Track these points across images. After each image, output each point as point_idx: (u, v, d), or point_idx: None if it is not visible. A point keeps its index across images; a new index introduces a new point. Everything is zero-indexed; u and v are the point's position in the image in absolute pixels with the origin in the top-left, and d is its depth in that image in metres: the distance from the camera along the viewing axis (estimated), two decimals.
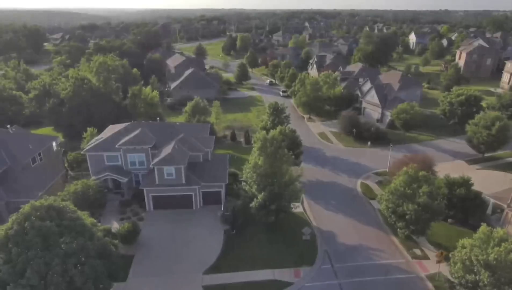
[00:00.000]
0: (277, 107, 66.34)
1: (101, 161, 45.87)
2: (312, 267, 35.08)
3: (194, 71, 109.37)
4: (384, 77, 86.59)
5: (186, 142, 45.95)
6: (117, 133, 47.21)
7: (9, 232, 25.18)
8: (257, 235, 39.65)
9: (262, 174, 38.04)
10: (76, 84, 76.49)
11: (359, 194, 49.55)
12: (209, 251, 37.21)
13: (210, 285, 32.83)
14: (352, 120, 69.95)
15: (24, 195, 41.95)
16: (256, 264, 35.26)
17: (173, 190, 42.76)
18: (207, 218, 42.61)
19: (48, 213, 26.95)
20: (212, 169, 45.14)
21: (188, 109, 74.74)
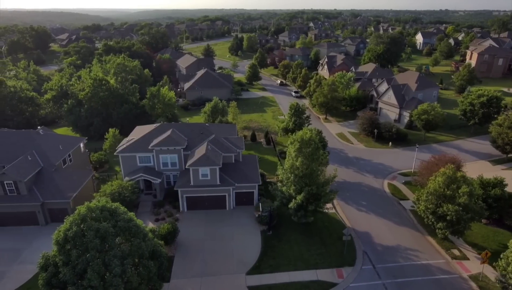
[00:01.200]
0: (298, 107, 66.61)
1: (134, 162, 46.02)
2: (354, 267, 35.28)
3: (207, 72, 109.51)
4: (400, 78, 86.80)
5: (217, 142, 46.12)
6: (148, 134, 47.34)
7: (68, 233, 25.30)
8: (293, 236, 39.83)
9: (300, 175, 38.21)
10: (95, 85, 76.66)
11: (388, 195, 49.74)
12: (249, 251, 37.39)
13: (255, 285, 33.01)
14: (372, 121, 70.11)
15: (59, 196, 42.25)
16: (297, 265, 35.48)
17: (207, 191, 42.93)
18: (242, 219, 42.79)
19: (102, 214, 27.09)
20: (245, 170, 45.30)
21: (207, 109, 74.82)
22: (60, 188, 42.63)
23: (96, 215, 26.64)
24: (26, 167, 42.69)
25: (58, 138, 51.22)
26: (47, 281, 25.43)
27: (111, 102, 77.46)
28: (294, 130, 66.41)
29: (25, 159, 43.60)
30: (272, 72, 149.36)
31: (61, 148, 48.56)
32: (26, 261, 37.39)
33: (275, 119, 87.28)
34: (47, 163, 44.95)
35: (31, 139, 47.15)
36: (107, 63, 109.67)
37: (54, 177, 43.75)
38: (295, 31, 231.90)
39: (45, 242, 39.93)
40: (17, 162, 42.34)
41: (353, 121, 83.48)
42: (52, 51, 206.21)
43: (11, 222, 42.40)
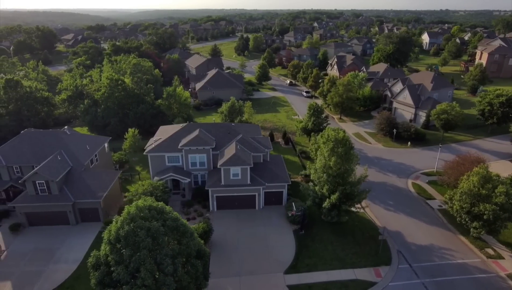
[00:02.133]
0: (317, 107, 66.72)
1: (162, 162, 46.11)
2: (390, 266, 35.42)
3: (219, 72, 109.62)
4: (415, 78, 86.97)
5: (246, 142, 46.23)
6: (176, 134, 47.44)
7: (120, 232, 25.36)
8: (326, 236, 39.96)
9: (333, 175, 38.34)
10: (111, 85, 76.76)
11: (413, 194, 49.88)
12: (284, 251, 37.53)
13: (295, 284, 33.14)
14: (390, 121, 70.27)
15: (90, 196, 42.35)
16: (334, 264, 35.63)
17: (237, 191, 43.07)
18: (272, 218, 42.92)
19: (150, 213, 27.17)
20: (274, 170, 45.41)
21: (225, 109, 74.94)
22: (91, 188, 42.72)
23: (144, 214, 26.71)
24: (57, 167, 42.77)
25: (84, 138, 51.32)
26: (100, 280, 25.50)
27: (127, 102, 77.58)
28: (313, 130, 66.83)
29: (55, 159, 43.68)
30: (280, 72, 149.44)
31: (88, 148, 48.64)
32: (60, 261, 37.51)
33: (290, 119, 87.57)
34: (76, 163, 45.05)
35: (59, 139, 47.25)
36: (118, 63, 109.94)
37: (84, 177, 43.82)
38: (300, 31, 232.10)
39: (77, 242, 40.24)
40: (48, 162, 42.43)
41: (368, 121, 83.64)
42: (58, 51, 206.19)
43: (42, 222, 42.51)
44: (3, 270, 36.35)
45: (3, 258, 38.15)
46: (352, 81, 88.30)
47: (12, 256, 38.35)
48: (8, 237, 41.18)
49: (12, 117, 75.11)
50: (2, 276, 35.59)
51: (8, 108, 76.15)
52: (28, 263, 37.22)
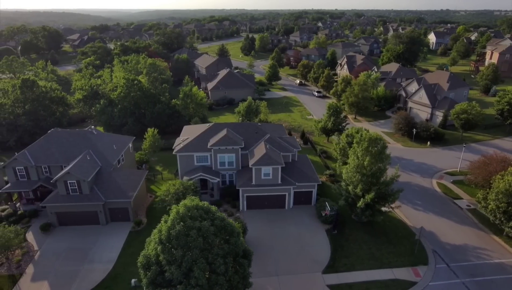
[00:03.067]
0: (337, 107, 66.67)
1: (191, 162, 46.04)
2: (428, 266, 35.37)
3: (230, 72, 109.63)
4: (430, 77, 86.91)
5: (274, 142, 46.18)
6: (203, 133, 47.37)
7: (172, 232, 25.28)
8: (359, 235, 39.93)
9: (368, 174, 38.29)
10: (127, 85, 76.71)
11: (440, 194, 49.84)
12: (319, 250, 37.49)
13: (335, 284, 33.09)
14: (408, 121, 70.26)
15: (121, 196, 42.28)
16: (371, 264, 35.59)
17: (268, 190, 43.01)
18: (303, 218, 42.87)
19: (198, 213, 27.10)
20: (303, 170, 45.36)
21: (242, 109, 74.79)
22: (121, 188, 42.64)
23: (193, 214, 26.64)
24: (87, 167, 42.70)
25: (110, 138, 51.21)
26: (152, 280, 25.42)
27: (144, 102, 77.50)
28: (333, 130, 66.84)
29: (84, 159, 43.62)
30: (288, 72, 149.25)
31: (115, 147, 48.56)
32: (94, 261, 37.42)
33: (305, 119, 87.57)
34: (104, 163, 44.97)
35: (86, 138, 47.16)
36: (129, 63, 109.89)
37: (113, 176, 43.75)
38: (305, 31, 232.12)
39: (109, 242, 40.15)
40: (78, 162, 42.37)
41: (384, 121, 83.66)
42: (64, 51, 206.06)
43: (73, 222, 42.44)
44: (38, 270, 36.28)
45: (37, 257, 38.08)
46: (366, 81, 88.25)
47: (45, 255, 38.26)
48: (39, 236, 41.10)
49: (29, 117, 74.98)
50: (39, 276, 35.52)
51: (24, 108, 75.98)
52: (62, 262, 37.14)
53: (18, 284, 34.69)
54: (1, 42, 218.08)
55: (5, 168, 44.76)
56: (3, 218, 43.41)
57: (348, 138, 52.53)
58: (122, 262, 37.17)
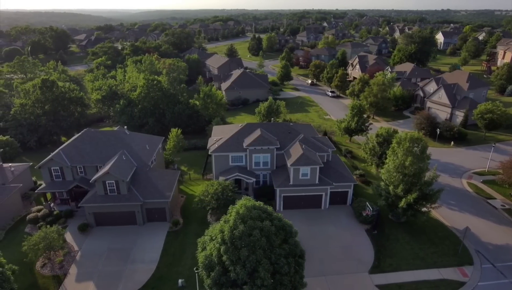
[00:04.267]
0: (360, 107, 66.60)
1: (226, 162, 45.99)
2: (473, 266, 35.35)
3: (244, 72, 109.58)
4: (448, 77, 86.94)
5: (308, 142, 46.14)
6: (237, 133, 47.32)
7: (235, 232, 25.23)
8: (399, 235, 39.92)
9: (410, 174, 38.26)
10: (148, 85, 76.66)
11: (472, 194, 49.80)
12: (362, 251, 37.45)
13: (383, 284, 33.05)
14: (431, 121, 70.24)
15: (158, 196, 42.20)
16: (416, 264, 35.58)
17: (305, 190, 42.98)
18: (341, 218, 42.84)
19: (257, 213, 27.05)
20: (339, 169, 45.35)
21: (263, 109, 74.69)
22: (158, 188, 42.57)
23: (253, 214, 26.60)
24: (125, 167, 42.63)
25: (142, 138, 51.10)
26: (216, 280, 25.35)
27: (163, 102, 77.45)
28: (356, 130, 66.78)
29: (120, 159, 43.53)
30: (297, 72, 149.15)
31: (148, 147, 48.49)
32: (137, 261, 37.37)
33: (323, 119, 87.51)
34: (140, 163, 44.91)
35: (120, 138, 47.09)
36: (142, 64, 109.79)
37: (150, 176, 43.68)
38: (311, 31, 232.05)
39: (148, 242, 40.15)
40: (116, 162, 42.25)
41: (402, 121, 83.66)
42: (71, 51, 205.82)
43: (110, 222, 42.40)
44: (82, 271, 36.23)
45: (78, 258, 38.00)
46: (384, 81, 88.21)
47: (86, 256, 38.20)
48: (78, 237, 41.05)
49: (49, 117, 74.90)
50: (83, 276, 35.47)
51: (44, 108, 75.88)
52: (105, 263, 37.09)
53: (63, 285, 34.64)
54: (7, 43, 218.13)
55: (41, 168, 44.68)
56: (39, 219, 43.36)
57: (378, 138, 52.52)
58: (165, 262, 37.13)
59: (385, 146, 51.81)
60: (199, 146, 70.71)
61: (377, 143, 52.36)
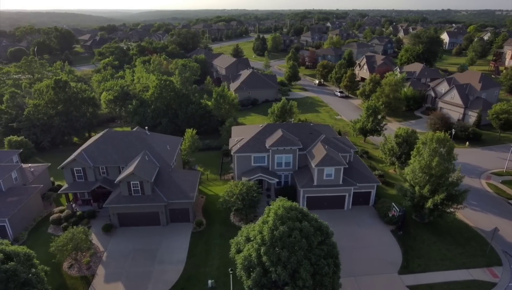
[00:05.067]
0: (376, 108, 66.55)
1: (248, 162, 45.95)
2: (503, 267, 35.33)
3: (254, 72, 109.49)
4: (460, 77, 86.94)
5: (331, 142, 46.11)
6: (258, 134, 47.27)
7: (276, 233, 25.19)
8: (425, 236, 39.91)
9: (437, 175, 38.24)
10: (161, 86, 76.65)
11: (493, 194, 49.78)
12: (389, 251, 37.44)
13: (414, 285, 33.03)
14: (445, 121, 70.25)
15: (182, 196, 42.15)
16: (445, 264, 35.57)
17: (329, 191, 42.96)
18: (365, 219, 42.81)
19: (295, 214, 27.01)
20: (361, 170, 45.34)
21: (276, 109, 74.60)
22: (181, 188, 42.52)
23: (291, 215, 26.57)
24: (148, 168, 42.59)
25: (162, 138, 51.06)
26: (257, 281, 25.31)
27: (176, 103, 77.44)
28: (372, 130, 66.74)
29: (143, 160, 43.48)
30: (304, 72, 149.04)
31: (169, 148, 48.45)
32: (164, 261, 37.31)
33: (334, 119, 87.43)
34: (162, 163, 44.86)
35: (141, 139, 47.05)
36: (150, 64, 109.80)
37: (173, 177, 43.65)
38: (315, 31, 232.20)
39: (173, 242, 40.15)
40: (139, 162, 42.20)
41: (414, 121, 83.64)
42: (75, 52, 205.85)
43: (133, 223, 42.36)
44: (109, 271, 36.18)
45: (104, 258, 37.96)
46: (397, 81, 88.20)
47: (112, 256, 38.15)
48: (102, 237, 40.99)
49: (62, 118, 74.86)
50: (111, 277, 35.42)
51: (57, 108, 75.85)
52: (132, 263, 37.03)
53: (92, 286, 34.61)
54: (11, 43, 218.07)
55: (63, 169, 44.64)
56: (62, 219, 43.32)
57: (397, 139, 52.49)
58: (192, 263, 37.09)
59: (404, 147, 51.92)
60: (213, 147, 70.84)
61: (396, 143, 52.34)
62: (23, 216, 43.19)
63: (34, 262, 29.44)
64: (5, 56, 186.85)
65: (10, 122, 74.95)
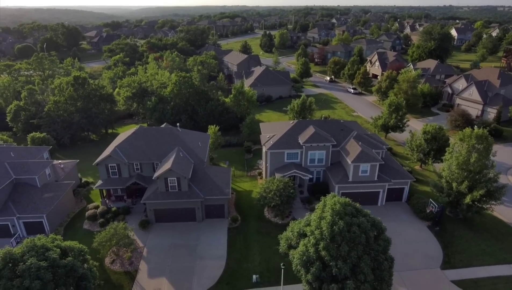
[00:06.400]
0: (399, 105, 66.61)
1: (281, 159, 46.13)
2: None
3: (267, 69, 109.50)
4: (477, 74, 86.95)
5: (363, 139, 46.28)
6: (290, 130, 47.40)
7: (335, 228, 25.39)
8: (462, 231, 40.21)
9: (476, 171, 38.43)
10: (180, 82, 76.65)
11: None
12: (429, 246, 37.72)
13: (458, 280, 33.31)
14: (466, 117, 70.39)
15: (218, 193, 42.35)
16: (487, 259, 35.85)
17: (363, 187, 43.18)
18: (399, 215, 43.06)
19: (350, 209, 27.21)
20: (394, 167, 45.51)
21: (296, 106, 74.62)
22: (217, 185, 42.72)
23: (347, 211, 26.78)
24: (184, 164, 42.75)
25: (193, 135, 51.15)
26: (317, 275, 25.54)
27: (195, 99, 77.48)
28: (394, 126, 66.88)
29: (178, 156, 43.60)
30: (313, 68, 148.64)
31: (200, 144, 48.59)
32: (205, 257, 37.56)
33: (351, 116, 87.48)
34: (196, 160, 45.01)
35: (174, 135, 47.16)
36: (163, 61, 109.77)
37: (208, 173, 43.83)
38: (321, 28, 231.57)
39: (211, 238, 40.37)
40: (175, 159, 42.31)
41: (432, 118, 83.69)
42: (82, 48, 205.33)
43: (169, 219, 42.56)
44: (152, 266, 36.44)
45: (145, 254, 38.21)
46: (415, 78, 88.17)
47: (153, 252, 38.40)
48: (139, 233, 41.19)
49: (82, 114, 74.95)
50: (154, 272, 35.66)
51: (76, 105, 75.90)
52: (174, 259, 37.27)
53: (137, 281, 34.87)
54: (16, 39, 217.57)
55: (98, 165, 44.80)
56: (98, 215, 43.55)
57: (426, 135, 52.62)
58: (233, 258, 37.34)
59: (433, 143, 52.10)
60: (234, 143, 71.05)
61: (424, 140, 52.49)
62: (58, 212, 43.44)
63: (87, 257, 29.66)
64: (12, 53, 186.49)
65: (30, 118, 75.01)
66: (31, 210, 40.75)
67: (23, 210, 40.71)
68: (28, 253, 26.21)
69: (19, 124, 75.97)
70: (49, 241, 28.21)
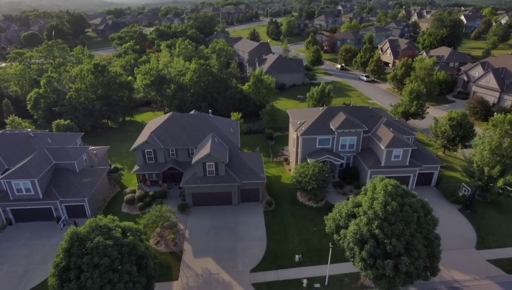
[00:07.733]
0: (419, 92, 67.27)
1: (313, 144, 47.09)
2: None
3: (280, 56, 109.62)
4: (494, 61, 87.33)
5: (393, 125, 47.19)
6: (321, 117, 48.22)
7: (388, 208, 26.49)
8: (492, 214, 41.58)
9: (508, 156, 39.48)
10: (200, 70, 77.04)
11: None
12: (462, 228, 39.17)
13: (494, 259, 34.75)
14: (484, 105, 71.19)
15: (253, 177, 43.51)
16: None
17: (395, 172, 44.22)
18: (430, 198, 42.19)
19: (400, 190, 28.31)
20: (422, 151, 46.55)
21: (315, 93, 75.25)
22: (252, 169, 43.81)
23: (398, 192, 27.86)
24: (220, 149, 43.74)
25: (224, 121, 52.02)
26: (371, 252, 26.81)
27: (214, 87, 78.02)
28: (415, 114, 67.71)
29: (214, 142, 44.52)
30: (323, 56, 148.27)
31: (232, 130, 49.50)
32: (245, 239, 38.88)
33: (367, 103, 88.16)
34: (230, 145, 46.01)
35: (207, 122, 48.06)
36: (176, 48, 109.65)
37: (243, 158, 44.90)
38: (328, 15, 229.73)
39: (249, 220, 41.65)
40: (212, 144, 43.27)
41: (448, 105, 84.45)
42: (88, 36, 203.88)
43: (207, 202, 43.78)
44: (196, 247, 37.78)
45: (187, 235, 39.53)
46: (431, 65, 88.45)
47: (195, 234, 39.70)
48: (179, 216, 42.29)
49: (103, 102, 75.53)
50: (199, 252, 37.02)
51: (97, 92, 76.41)
52: (216, 240, 38.60)
53: (183, 260, 36.25)
54: (21, 27, 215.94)
55: (135, 151, 45.79)
56: (136, 199, 44.76)
57: (451, 122, 53.50)
58: (273, 239, 38.68)
59: (458, 130, 53.07)
60: (255, 130, 71.96)
61: (449, 126, 53.41)
62: (96, 196, 44.63)
63: (143, 237, 30.88)
64: (19, 41, 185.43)
65: (52, 106, 75.62)
66: (73, 194, 41.89)
67: (65, 194, 41.85)
68: (93, 233, 27.38)
69: (40, 112, 76.65)
70: (109, 221, 29.37)
